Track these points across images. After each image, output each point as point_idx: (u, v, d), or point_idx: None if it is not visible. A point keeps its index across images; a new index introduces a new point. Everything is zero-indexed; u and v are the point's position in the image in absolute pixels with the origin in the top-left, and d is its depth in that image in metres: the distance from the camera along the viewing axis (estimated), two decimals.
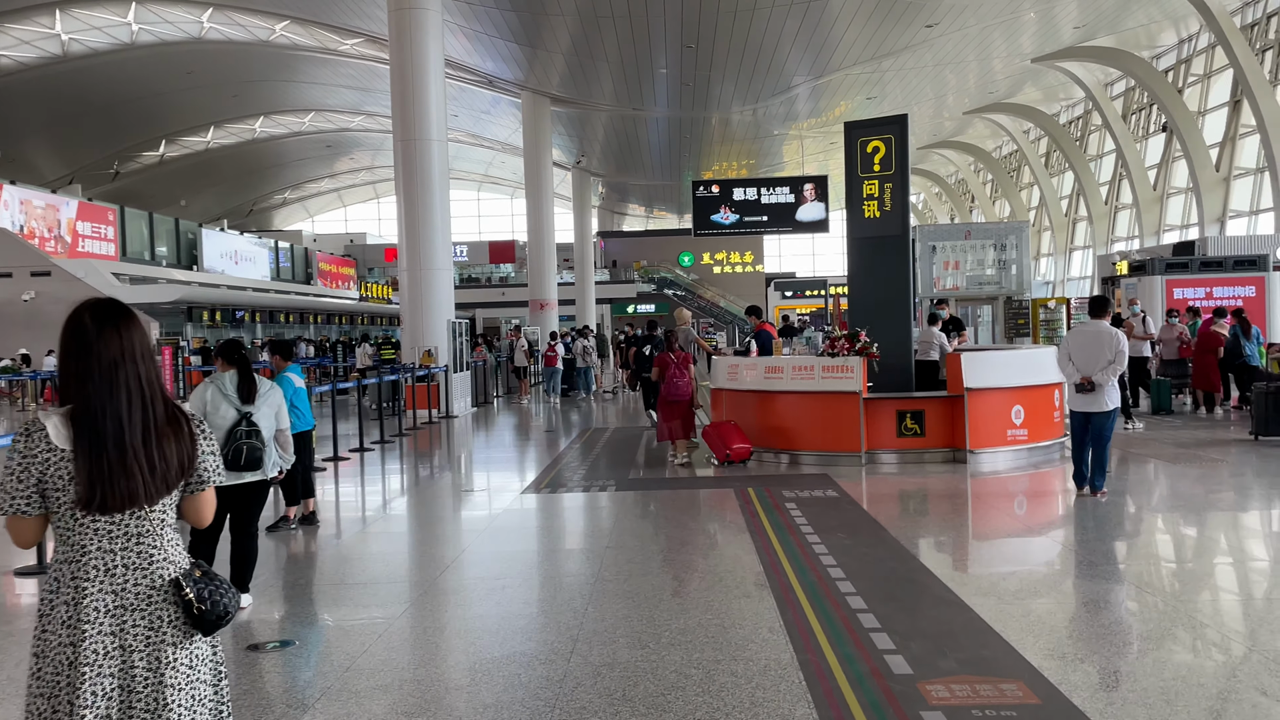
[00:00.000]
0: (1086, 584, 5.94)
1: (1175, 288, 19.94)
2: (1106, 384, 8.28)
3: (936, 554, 6.94)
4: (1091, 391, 8.30)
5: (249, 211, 67.70)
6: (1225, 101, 33.23)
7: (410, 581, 6.33)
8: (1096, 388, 8.28)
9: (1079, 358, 8.42)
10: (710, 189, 39.49)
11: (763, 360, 11.48)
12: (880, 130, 11.75)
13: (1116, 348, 8.27)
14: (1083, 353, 8.41)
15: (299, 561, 7.17)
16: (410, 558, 7.06)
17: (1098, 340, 8.36)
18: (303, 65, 42.92)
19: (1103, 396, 8.32)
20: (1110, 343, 8.29)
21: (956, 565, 6.58)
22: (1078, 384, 8.38)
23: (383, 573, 6.60)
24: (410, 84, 19.75)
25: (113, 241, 37.89)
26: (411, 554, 7.16)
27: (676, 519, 8.10)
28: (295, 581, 6.61)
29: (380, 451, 13.74)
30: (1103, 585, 5.88)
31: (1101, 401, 8.32)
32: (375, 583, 6.35)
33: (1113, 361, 8.24)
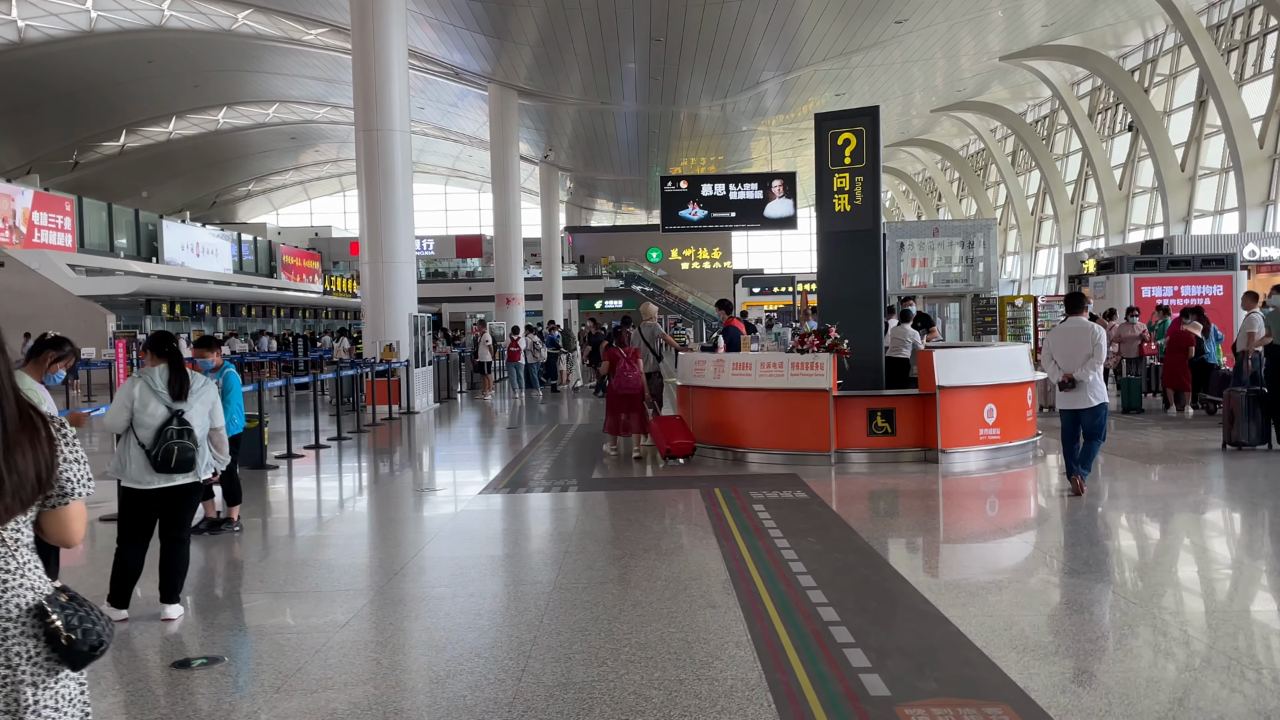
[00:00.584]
0: (1071, 593, 5.65)
1: (1144, 286, 19.86)
2: (1087, 379, 8.21)
3: (911, 559, 6.66)
4: (1074, 388, 8.23)
5: (212, 204, 66.73)
6: (1191, 101, 33.35)
7: (355, 590, 5.93)
8: (1078, 384, 8.20)
9: (1061, 356, 8.36)
10: (678, 185, 39.28)
11: (730, 356, 11.17)
12: (851, 122, 11.48)
13: (1094, 341, 8.22)
14: (1063, 350, 8.35)
15: (237, 567, 6.76)
16: (357, 564, 6.64)
17: (1077, 336, 8.32)
18: (266, 55, 42.21)
19: (1087, 393, 8.23)
20: (1088, 337, 8.25)
21: (932, 572, 6.29)
22: (1060, 382, 8.31)
23: (326, 581, 6.19)
24: (372, 72, 19.32)
25: (70, 233, 37.03)
26: (359, 560, 6.75)
27: (639, 521, 7.75)
28: (232, 590, 6.22)
29: (338, 448, 13.33)
30: (1087, 594, 5.59)
31: (1087, 398, 8.23)
32: (317, 592, 5.97)
33: (1091, 355, 8.18)
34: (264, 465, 11.15)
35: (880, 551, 6.50)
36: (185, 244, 45.68)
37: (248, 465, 11.10)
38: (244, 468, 11.03)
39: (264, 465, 11.15)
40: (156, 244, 43.23)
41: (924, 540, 7.22)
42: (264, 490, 9.97)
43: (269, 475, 10.82)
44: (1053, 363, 8.40)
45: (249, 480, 10.44)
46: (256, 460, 11.13)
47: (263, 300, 47.70)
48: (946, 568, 6.40)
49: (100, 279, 33.69)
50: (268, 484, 10.31)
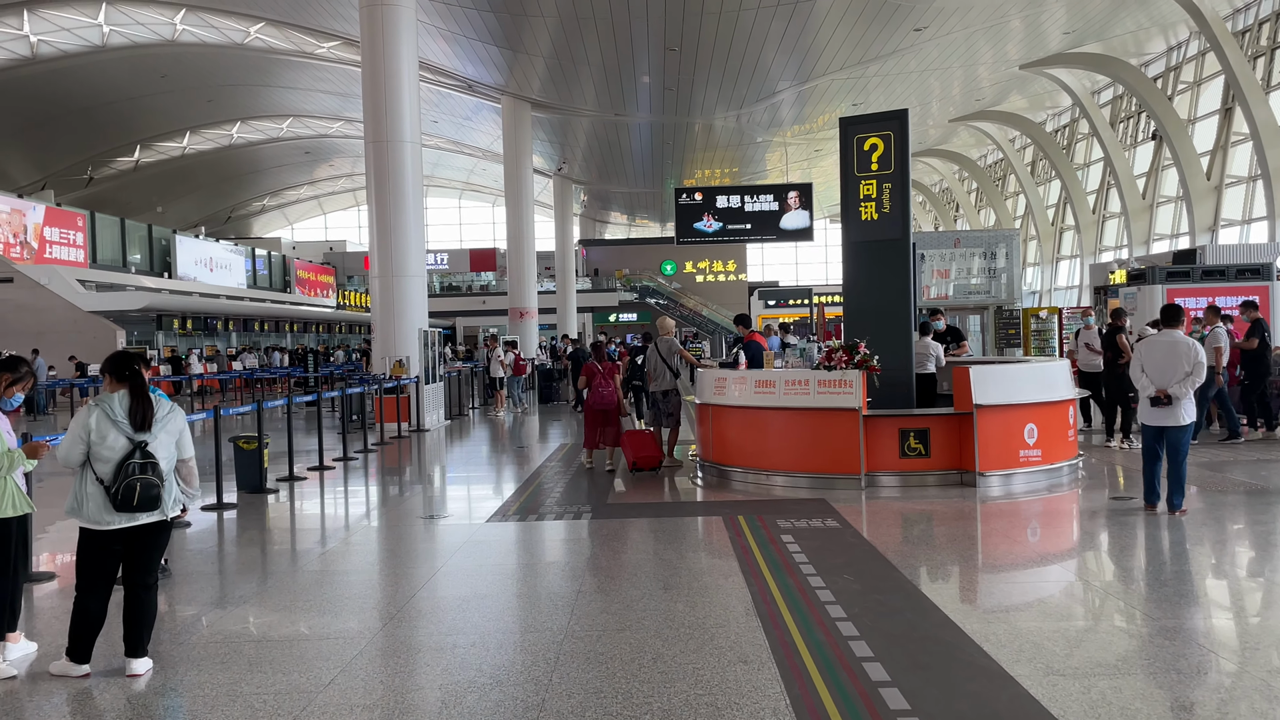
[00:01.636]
0: (1154, 646, 4.96)
1: (1176, 297, 19.16)
2: (1184, 397, 7.94)
3: (961, 601, 5.95)
4: (1168, 405, 7.95)
5: (227, 218, 66.63)
6: (1216, 109, 32.70)
7: (343, 638, 5.31)
8: (1173, 401, 7.94)
9: (1152, 370, 8.07)
10: (693, 196, 38.81)
11: (752, 373, 10.57)
12: (878, 126, 10.91)
13: (1194, 359, 7.93)
14: (1156, 365, 8.05)
15: (212, 613, 6.13)
16: (348, 607, 5.97)
17: (1173, 351, 8.02)
18: (279, 69, 42.00)
19: (1179, 410, 7.96)
20: (1187, 354, 7.96)
21: (987, 616, 5.54)
22: (1153, 397, 8.00)
23: (309, 629, 5.54)
24: (382, 84, 18.91)
25: (81, 248, 36.75)
26: (350, 603, 6.08)
27: (659, 554, 7.15)
28: (207, 640, 5.59)
29: (343, 469, 12.81)
30: (1174, 648, 4.90)
31: (1178, 415, 7.97)
32: (299, 640, 5.36)
33: (1190, 374, 7.92)
34: (263, 489, 10.62)
35: (925, 591, 5.89)
36: (199, 259, 45.42)
37: (246, 489, 10.60)
38: (242, 491, 10.56)
39: (263, 489, 10.62)
40: (170, 259, 42.96)
41: (973, 577, 6.58)
42: (258, 517, 9.42)
43: (267, 500, 10.28)
44: (1143, 375, 8.12)
45: (245, 505, 9.94)
46: (255, 484, 10.61)
47: (276, 315, 47.36)
48: (1002, 612, 5.63)
49: (110, 294, 33.35)
50: (264, 510, 9.77)
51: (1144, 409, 8.22)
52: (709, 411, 10.89)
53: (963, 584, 6.39)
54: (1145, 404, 8.19)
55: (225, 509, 9.64)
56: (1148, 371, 8.14)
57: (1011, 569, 6.81)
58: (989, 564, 6.93)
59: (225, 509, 9.64)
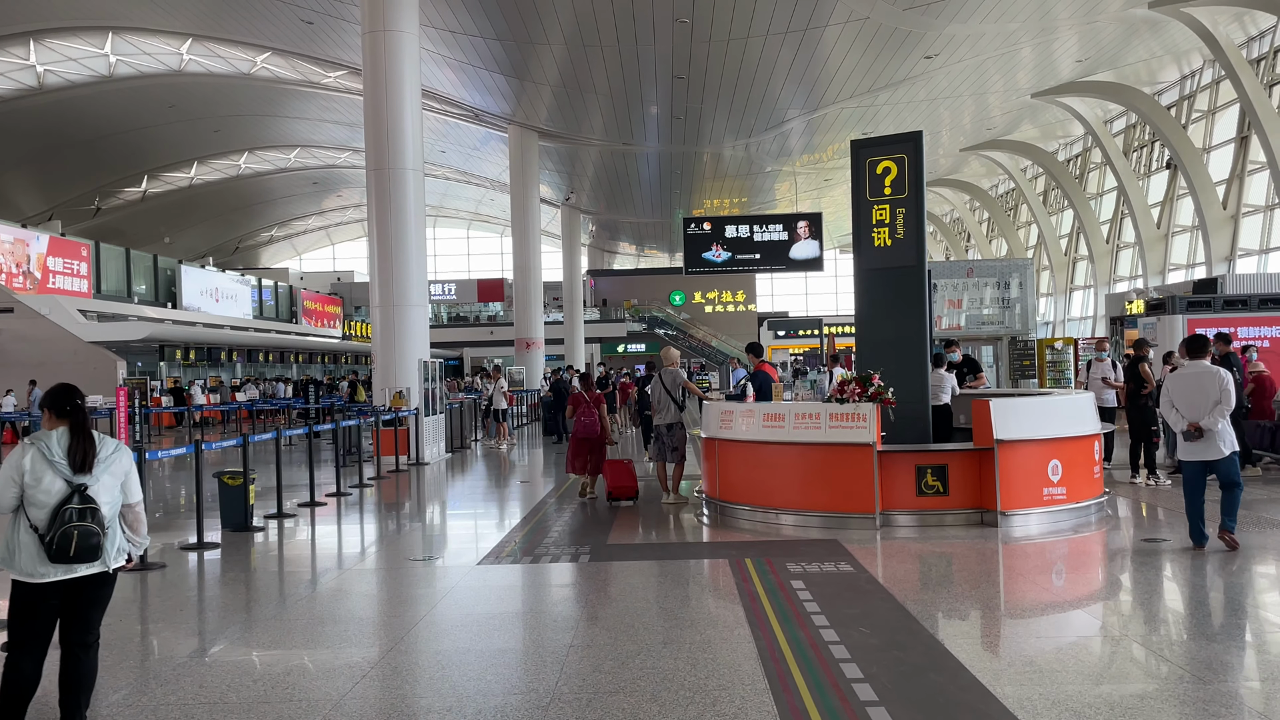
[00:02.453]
0: (1211, 705, 4.47)
1: (1197, 327, 18.62)
2: (1216, 427, 7.64)
3: (991, 661, 5.27)
4: (1200, 438, 7.67)
5: (235, 249, 66.58)
6: (1231, 138, 32.30)
7: (305, 704, 4.80)
8: (1206, 433, 7.65)
9: (1182, 403, 7.78)
10: (702, 226, 38.52)
11: (760, 406, 10.08)
12: (891, 149, 10.48)
13: (1223, 387, 7.65)
14: (1186, 397, 7.76)
15: (156, 672, 5.50)
16: (315, 665, 5.37)
17: (1200, 382, 7.75)
18: (286, 100, 41.92)
19: (1217, 442, 7.67)
20: (1216, 383, 7.69)
21: (1021, 680, 4.84)
22: (1184, 431, 7.71)
23: (268, 691, 4.96)
24: (384, 111, 18.61)
25: (85, 278, 36.52)
26: (318, 659, 5.50)
27: (659, 603, 6.62)
28: (153, 705, 5.03)
29: (337, 505, 12.33)
30: (1232, 706, 4.45)
31: (1218, 447, 7.68)
32: (257, 705, 4.88)
33: (1219, 402, 7.63)
34: (248, 527, 10.14)
35: (949, 647, 5.36)
36: (204, 289, 45.19)
37: (230, 527, 10.14)
38: (226, 530, 10.09)
39: (248, 527, 10.14)
40: (175, 289, 42.73)
41: (1001, 631, 6.02)
42: (237, 558, 8.93)
43: (253, 539, 9.79)
44: (1174, 411, 7.83)
45: (228, 544, 9.47)
46: (240, 522, 10.14)
47: (280, 345, 47.06)
48: (1036, 673, 4.96)
49: (111, 325, 33.04)
50: (246, 550, 9.28)
51: (1182, 445, 7.88)
52: (715, 446, 10.40)
53: (990, 638, 5.83)
54: (1181, 440, 7.85)
55: (206, 549, 9.17)
56: (1178, 405, 7.82)
57: (1044, 621, 6.27)
58: (1018, 615, 6.38)
59: (206, 549, 9.17)
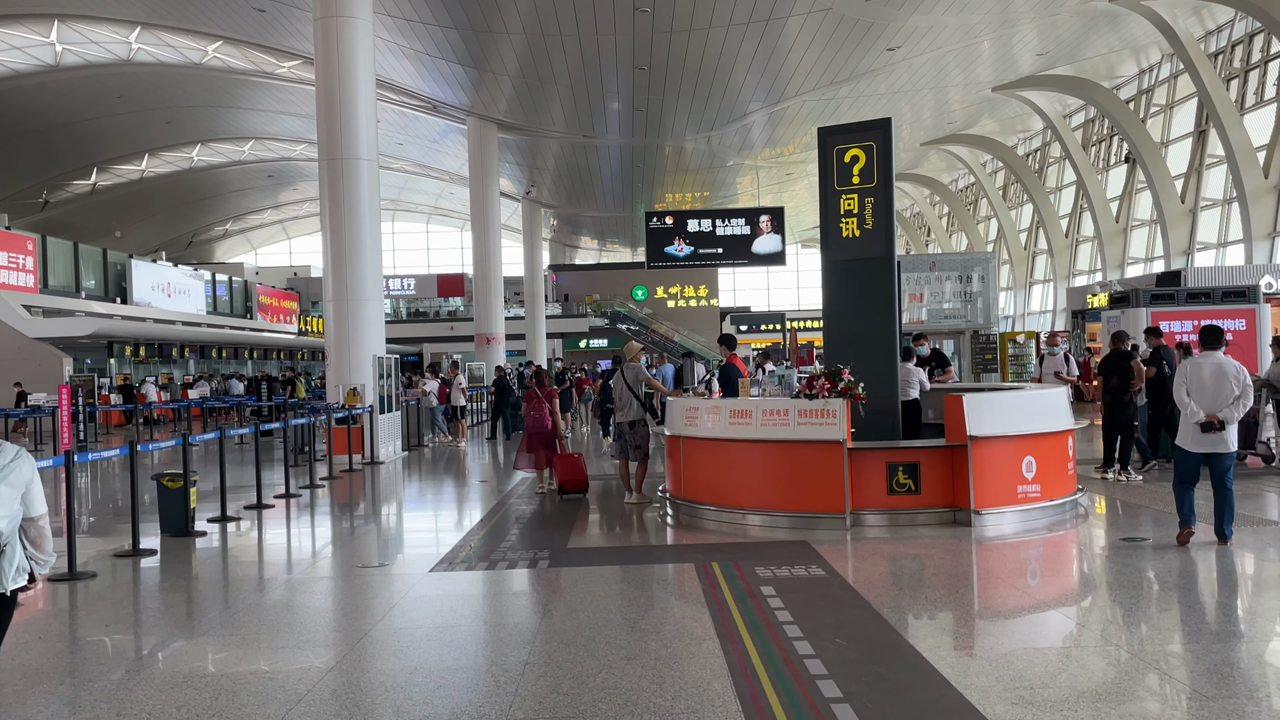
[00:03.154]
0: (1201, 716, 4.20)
1: (1161, 320, 18.56)
2: (1234, 422, 7.51)
3: (977, 676, 4.81)
4: (1220, 430, 7.48)
5: (189, 243, 65.32)
6: (1189, 132, 32.46)
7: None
8: (1224, 426, 7.50)
9: (1198, 394, 7.59)
10: (664, 220, 38.31)
11: (726, 402, 9.72)
12: (860, 136, 10.15)
13: (1244, 382, 7.51)
14: (1202, 389, 7.58)
15: (77, 694, 5.04)
16: (247, 689, 4.85)
17: (1219, 374, 7.57)
18: (240, 90, 41.05)
19: (1229, 436, 7.51)
20: (1235, 376, 7.54)
21: (1012, 697, 4.44)
22: (1203, 423, 7.50)
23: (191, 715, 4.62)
24: (337, 99, 18.08)
25: (31, 273, 35.44)
26: (251, 683, 4.96)
27: (622, 613, 6.22)
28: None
29: (285, 506, 11.84)
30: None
31: (1228, 441, 7.53)
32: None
33: (1239, 397, 7.49)
34: (189, 531, 9.63)
35: (932, 659, 5.01)
36: (156, 284, 44.12)
37: (169, 532, 9.64)
38: (166, 535, 9.59)
39: (189, 531, 9.63)
40: (125, 284, 41.69)
41: (986, 642, 5.66)
42: (176, 564, 8.44)
43: (194, 544, 9.30)
44: (1190, 401, 7.63)
45: (166, 550, 8.97)
46: (180, 526, 9.63)
47: (235, 342, 46.11)
48: (1027, 689, 4.54)
49: (57, 320, 32.11)
50: (185, 556, 8.79)
51: (1191, 435, 7.66)
52: (679, 444, 10.02)
53: (974, 650, 5.46)
54: (1192, 430, 7.64)
55: (142, 555, 8.66)
56: (1194, 396, 7.61)
57: (1028, 629, 5.95)
58: (1001, 622, 6.05)
59: (142, 555, 8.66)
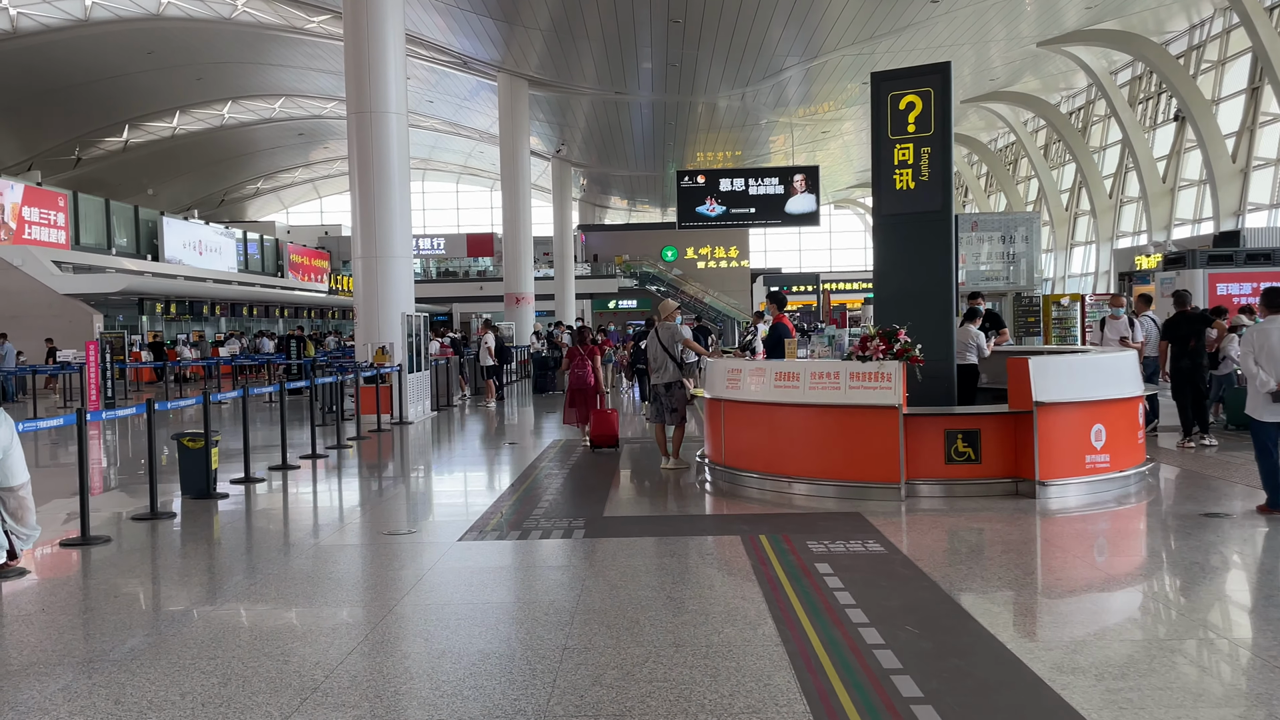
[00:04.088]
0: None
1: (1219, 282, 17.84)
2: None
3: (1083, 680, 4.14)
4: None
5: (220, 201, 65.23)
6: (1242, 89, 31.30)
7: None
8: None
9: (1267, 360, 7.13)
10: (695, 179, 37.69)
11: (772, 364, 9.18)
12: (916, 82, 9.53)
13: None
14: (1272, 356, 7.14)
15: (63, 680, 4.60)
16: (260, 674, 4.46)
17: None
18: (270, 46, 40.56)
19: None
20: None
21: (1127, 705, 3.87)
22: (1274, 391, 7.06)
23: (201, 711, 4.09)
24: (365, 50, 17.57)
25: (63, 229, 35.32)
26: (263, 667, 4.56)
27: (667, 592, 5.71)
28: (79, 706, 4.29)
29: (312, 468, 11.48)
30: None
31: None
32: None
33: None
34: (210, 494, 9.26)
35: (1018, 652, 4.46)
36: (187, 242, 44.01)
37: (190, 494, 9.27)
38: (187, 496, 9.23)
39: (210, 494, 9.26)
40: (157, 241, 41.54)
41: (1072, 630, 5.01)
42: (194, 530, 8.05)
43: (216, 506, 8.92)
44: (1259, 370, 7.18)
45: (187, 513, 8.60)
46: (201, 488, 9.25)
47: (265, 300, 45.96)
48: (1133, 690, 3.97)
49: (87, 277, 31.95)
50: (205, 520, 8.40)
51: (1263, 404, 7.14)
52: (720, 408, 9.52)
53: (1064, 640, 4.80)
54: (1263, 399, 7.11)
55: (160, 519, 8.29)
56: (1263, 364, 7.08)
57: (1121, 617, 5.35)
58: (1090, 609, 5.46)
59: (160, 519, 8.29)
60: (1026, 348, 13.44)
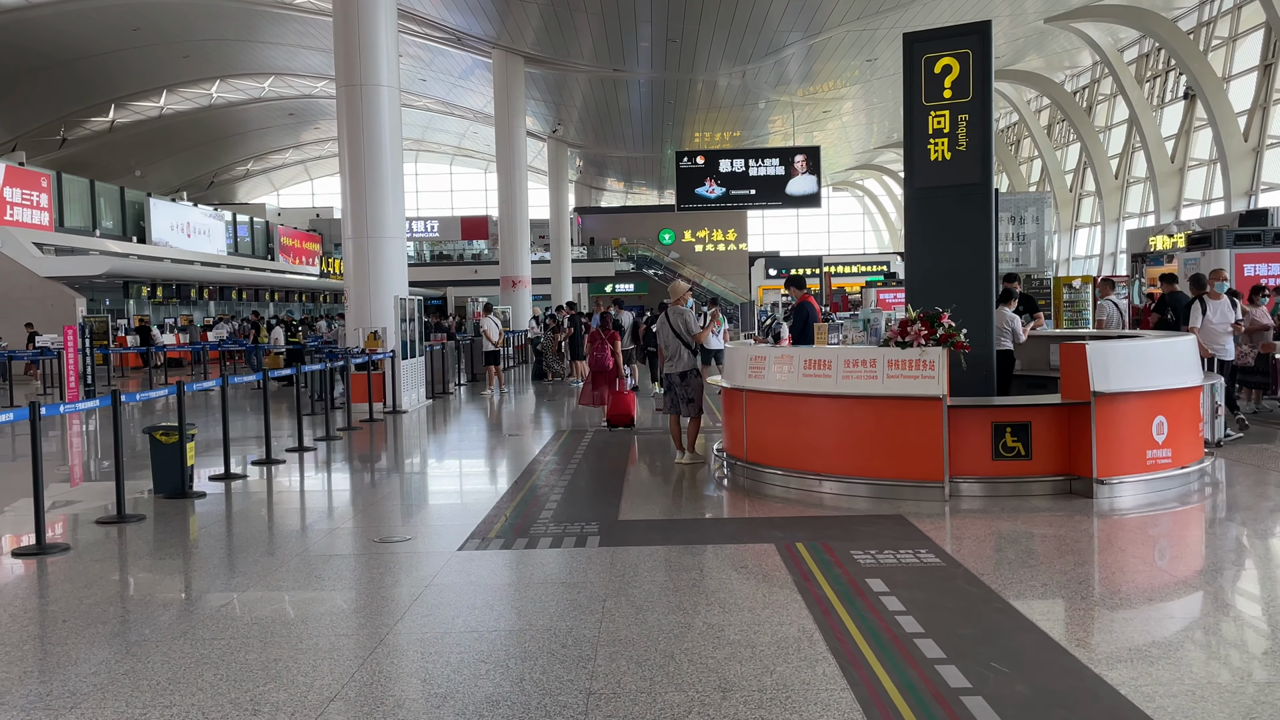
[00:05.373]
0: None
1: (1246, 263, 17.06)
2: None
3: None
4: None
5: (210, 183, 64.19)
6: (1254, 65, 30.52)
7: None
8: None
9: None
10: (695, 160, 37.00)
11: (799, 351, 8.41)
12: (953, 43, 8.75)
13: None
14: None
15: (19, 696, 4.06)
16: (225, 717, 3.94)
17: None
18: (258, 23, 39.54)
19: None
20: None
21: None
22: None
23: None
24: (355, 18, 16.73)
25: (46, 210, 34.38)
26: (230, 708, 3.93)
27: (702, 616, 4.91)
28: None
29: (298, 462, 10.72)
30: None
31: None
32: None
33: None
34: (186, 493, 8.48)
35: (1133, 697, 3.77)
36: (175, 224, 43.09)
37: (163, 494, 8.51)
38: (160, 496, 8.47)
39: (186, 493, 8.48)
40: (144, 223, 40.62)
41: (1196, 670, 4.11)
42: (164, 535, 7.29)
43: (189, 507, 8.15)
44: None
45: (159, 515, 7.84)
46: (175, 486, 8.49)
47: (255, 283, 45.10)
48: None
49: (69, 259, 31.07)
50: (176, 524, 7.63)
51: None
52: (741, 398, 8.76)
53: (1189, 680, 3.95)
54: None
55: (128, 521, 7.52)
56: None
57: (1257, 653, 4.46)
58: (1204, 637, 4.60)
59: (128, 521, 7.52)
60: (1068, 331, 12.69)
